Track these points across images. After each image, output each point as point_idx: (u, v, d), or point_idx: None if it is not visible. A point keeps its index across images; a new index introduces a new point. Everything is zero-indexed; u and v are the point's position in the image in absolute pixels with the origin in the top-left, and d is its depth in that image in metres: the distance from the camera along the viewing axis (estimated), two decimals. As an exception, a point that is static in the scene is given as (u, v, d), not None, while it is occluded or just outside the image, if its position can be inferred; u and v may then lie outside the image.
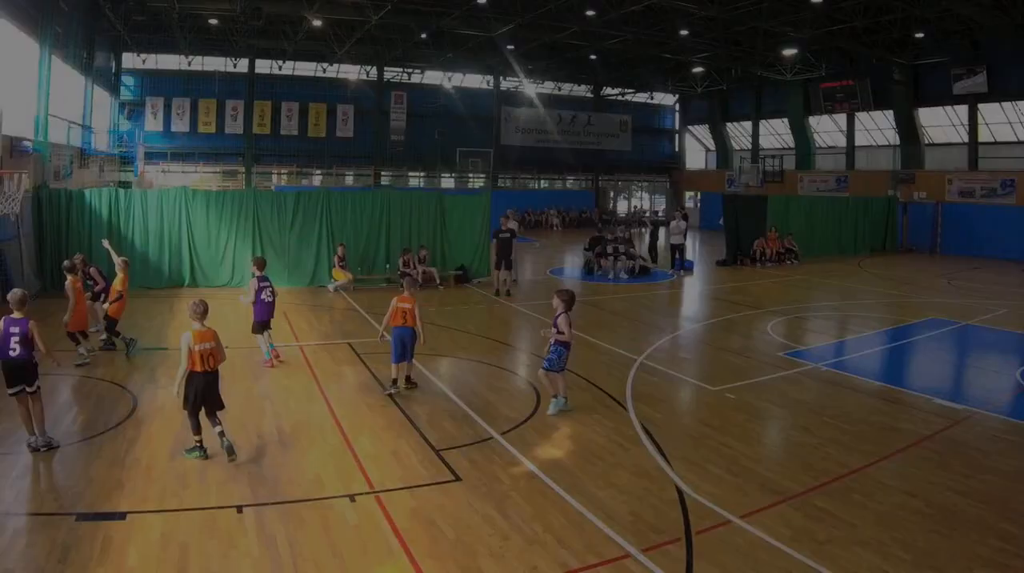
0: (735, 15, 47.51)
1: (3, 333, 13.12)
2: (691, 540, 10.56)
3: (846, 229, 52.09)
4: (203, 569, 9.60)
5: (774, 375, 19.77)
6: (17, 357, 13.12)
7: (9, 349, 13.08)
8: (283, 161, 70.22)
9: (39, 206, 29.59)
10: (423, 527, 10.88)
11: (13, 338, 13.09)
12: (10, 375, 13.14)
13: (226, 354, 14.30)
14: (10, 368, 13.13)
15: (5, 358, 13.11)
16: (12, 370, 13.13)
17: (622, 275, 37.64)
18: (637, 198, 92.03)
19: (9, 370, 13.15)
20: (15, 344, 13.10)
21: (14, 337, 13.10)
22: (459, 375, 19.63)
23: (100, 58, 52.30)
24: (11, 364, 13.12)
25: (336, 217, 33.24)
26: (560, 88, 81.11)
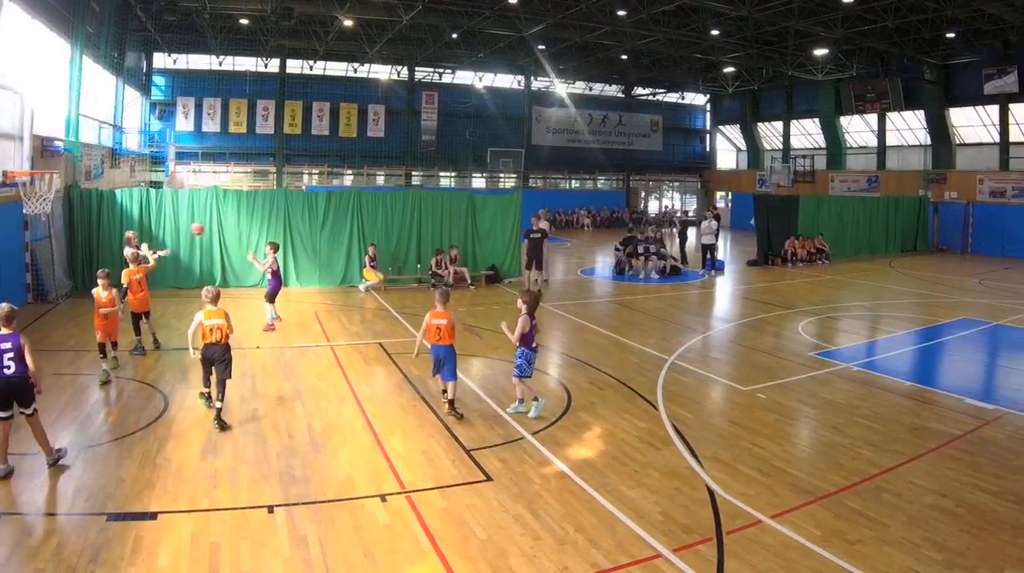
0: (766, 15, 47.35)
1: None
2: (722, 540, 10.56)
3: (877, 229, 51.83)
4: (234, 569, 9.64)
5: (805, 375, 19.70)
6: (12, 375, 12.26)
7: (3, 366, 12.24)
8: (314, 161, 70.20)
9: (70, 206, 29.60)
10: (454, 527, 10.90)
11: (6, 355, 12.28)
12: (4, 395, 12.23)
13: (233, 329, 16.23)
14: (4, 387, 12.22)
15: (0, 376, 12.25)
16: (6, 389, 12.24)
17: (653, 275, 37.57)
18: (668, 198, 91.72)
19: (2, 390, 12.22)
20: (8, 361, 12.26)
21: (7, 354, 12.29)
22: (490, 375, 19.60)
23: (131, 58, 52.44)
24: (4, 383, 12.22)
25: (367, 217, 33.21)
26: (591, 88, 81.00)
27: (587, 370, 19.95)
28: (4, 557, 9.69)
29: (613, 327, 25.53)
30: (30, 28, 30.75)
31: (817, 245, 45.26)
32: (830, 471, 13.13)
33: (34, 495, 11.68)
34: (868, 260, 47.48)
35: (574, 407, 16.64)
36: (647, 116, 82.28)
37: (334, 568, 9.71)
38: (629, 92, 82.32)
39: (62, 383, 17.46)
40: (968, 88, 57.95)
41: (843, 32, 49.50)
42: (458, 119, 73.91)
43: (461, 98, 74.30)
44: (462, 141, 73.73)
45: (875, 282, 38.23)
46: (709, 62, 68.18)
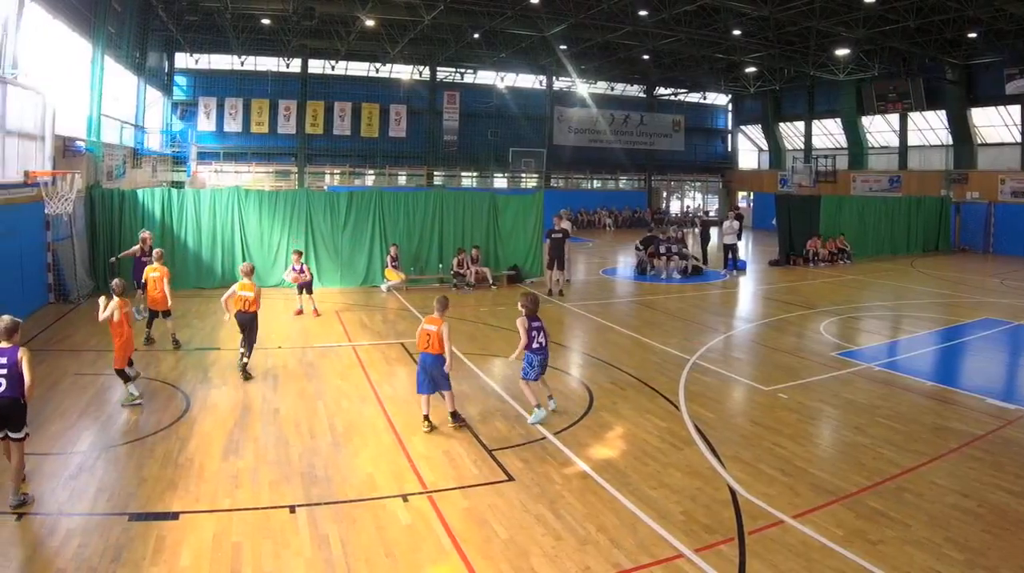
0: (788, 15, 47.26)
1: None
2: (744, 540, 10.59)
3: (898, 229, 51.80)
4: (256, 569, 9.70)
5: (826, 375, 19.70)
6: (3, 394, 10.98)
7: None
8: (336, 161, 70.30)
9: (92, 206, 29.74)
10: (476, 527, 10.94)
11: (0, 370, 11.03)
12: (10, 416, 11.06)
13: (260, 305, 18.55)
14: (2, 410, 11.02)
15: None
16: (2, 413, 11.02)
17: (675, 275, 37.64)
18: (690, 198, 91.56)
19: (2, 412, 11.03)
20: (2, 378, 10.99)
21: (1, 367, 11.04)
22: (512, 375, 19.22)
23: (153, 58, 52.70)
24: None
25: (389, 217, 33.28)
26: (613, 88, 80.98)
27: (609, 370, 19.97)
28: (26, 557, 9.77)
29: (635, 327, 25.55)
30: (52, 28, 30.86)
31: (839, 245, 45.23)
32: (852, 471, 13.13)
33: (56, 495, 11.69)
34: (890, 260, 47.44)
35: (596, 407, 16.66)
36: (669, 116, 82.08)
37: (356, 568, 9.75)
38: (651, 92, 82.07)
39: (83, 383, 17.55)
40: (990, 88, 57.72)
41: (865, 32, 49.36)
42: (480, 119, 73.98)
43: (483, 98, 74.35)
44: (484, 141, 73.88)
45: (897, 282, 38.17)
46: (731, 62, 68.06)
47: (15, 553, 9.89)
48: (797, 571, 9.77)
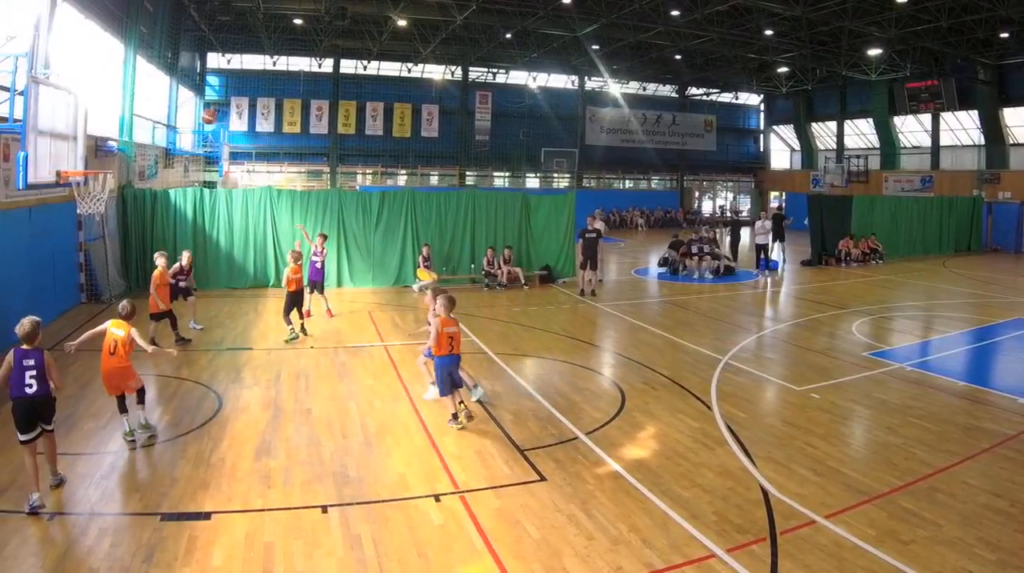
0: (820, 15, 47.26)
1: (15, 367, 11.69)
2: (776, 540, 10.58)
3: (930, 229, 51.51)
4: (288, 569, 9.74)
5: (859, 375, 19.63)
6: (35, 394, 11.64)
7: (25, 385, 11.64)
8: (368, 161, 70.55)
9: (124, 206, 29.94)
10: (508, 527, 10.95)
11: (28, 373, 11.65)
12: (28, 415, 11.62)
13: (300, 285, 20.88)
14: (28, 407, 11.63)
15: (21, 395, 11.64)
16: (31, 409, 11.64)
17: (707, 275, 37.58)
18: (722, 198, 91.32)
19: (26, 409, 11.62)
20: (31, 379, 11.65)
21: (29, 371, 11.65)
22: (544, 375, 19.59)
23: (185, 58, 52.79)
24: (28, 402, 11.64)
25: (420, 217, 33.31)
26: (645, 88, 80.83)
27: (641, 370, 19.93)
28: (59, 557, 9.81)
29: (667, 327, 25.52)
30: (84, 28, 31.00)
31: (871, 245, 45.07)
32: (884, 471, 13.10)
33: (88, 495, 11.77)
34: (921, 260, 47.18)
35: (628, 407, 16.64)
36: (701, 116, 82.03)
37: (388, 568, 9.78)
38: (683, 92, 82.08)
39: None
40: (1022, 88, 57.62)
41: (897, 32, 49.24)
42: (512, 119, 74.03)
43: (515, 98, 74.41)
44: (516, 141, 73.83)
45: (929, 282, 37.98)
46: (763, 62, 68.01)
47: (48, 552, 9.94)
48: (829, 571, 9.75)
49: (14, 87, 14.63)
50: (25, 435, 11.56)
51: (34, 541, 10.22)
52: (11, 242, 20.67)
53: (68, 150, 16.48)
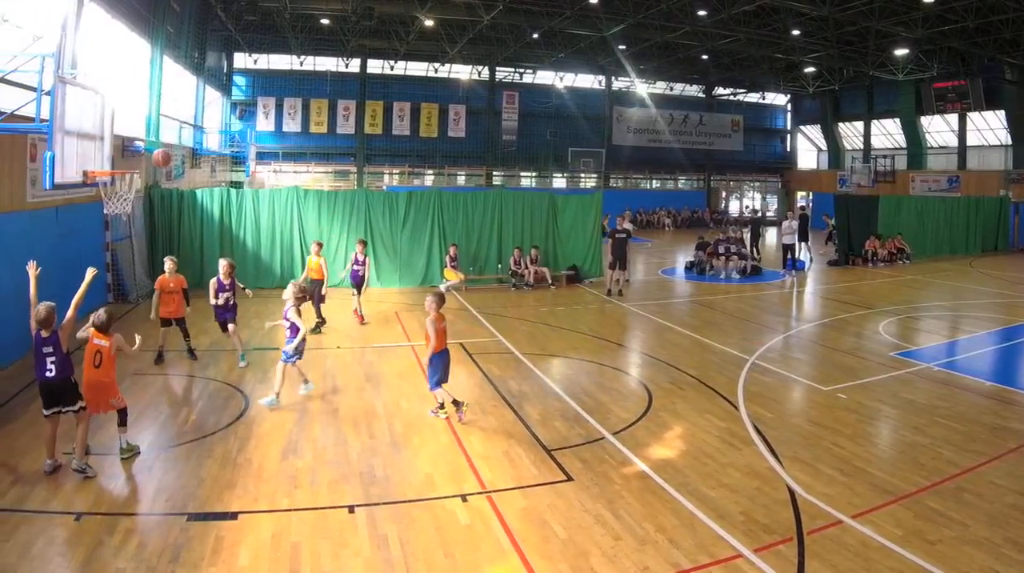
0: (847, 15, 47.15)
1: (36, 352, 12.44)
2: (803, 540, 10.56)
3: (957, 229, 51.30)
4: (314, 569, 9.76)
5: (885, 375, 19.58)
6: (53, 378, 12.40)
7: (46, 370, 12.38)
8: (395, 161, 70.67)
9: (151, 206, 30.08)
10: (535, 527, 10.96)
11: (48, 358, 12.37)
12: (49, 395, 12.46)
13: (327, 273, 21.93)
14: (46, 389, 12.44)
15: (42, 379, 12.45)
16: (49, 391, 12.45)
17: (734, 275, 37.55)
18: (749, 198, 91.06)
19: (48, 390, 12.44)
20: (51, 364, 12.38)
21: (49, 357, 12.38)
22: (571, 375, 19.60)
23: (211, 58, 53.04)
24: (46, 385, 12.43)
25: (448, 217, 33.34)
26: (672, 88, 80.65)
27: (668, 370, 19.94)
28: (85, 557, 9.85)
29: (694, 327, 25.51)
30: (111, 28, 31.18)
31: (897, 245, 44.97)
32: (910, 471, 13.08)
33: (115, 495, 11.85)
34: (948, 260, 46.99)
35: (655, 407, 16.64)
36: (728, 116, 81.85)
37: (415, 568, 9.80)
38: (710, 92, 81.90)
39: (144, 383, 17.76)
40: (1050, 88, 57.00)
41: (924, 32, 49.06)
42: (539, 119, 74.04)
43: (542, 98, 74.43)
44: (543, 141, 73.88)
45: (955, 282, 37.83)
46: (790, 62, 67.84)
47: (75, 552, 9.97)
48: (856, 571, 9.73)
49: (41, 87, 14.69)
50: (46, 410, 12.45)
51: (61, 541, 10.26)
52: (38, 242, 20.73)
53: (95, 150, 16.50)
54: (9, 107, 17.03)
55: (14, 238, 19.25)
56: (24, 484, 11.98)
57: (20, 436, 14.06)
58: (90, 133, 16.40)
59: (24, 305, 13.28)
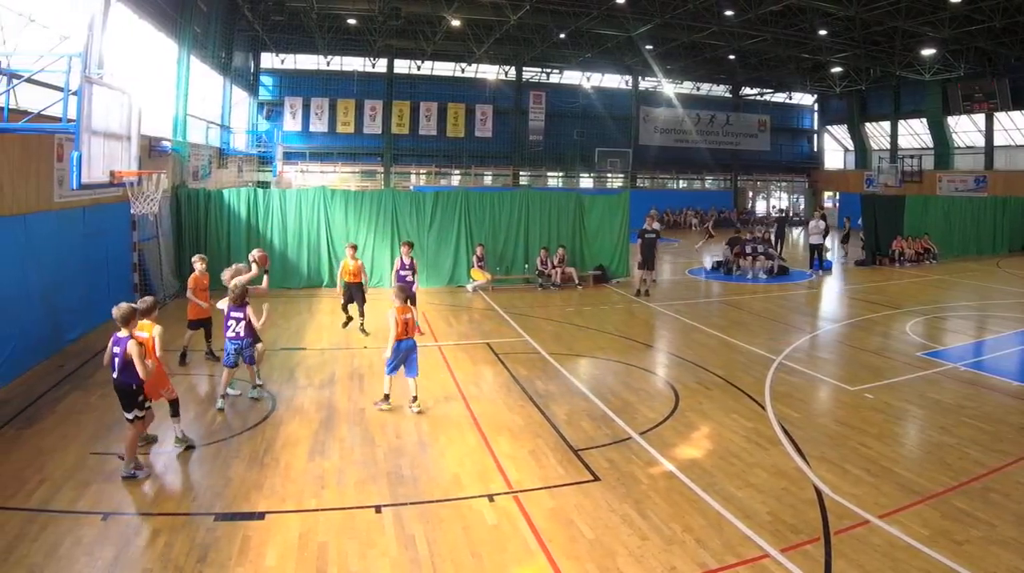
0: (873, 15, 46.98)
1: (110, 351, 12.26)
2: (830, 540, 10.57)
3: (984, 229, 51.05)
4: (341, 569, 9.80)
5: (912, 375, 19.57)
6: (116, 380, 12.31)
7: (113, 371, 12.30)
8: (422, 161, 70.66)
9: (177, 206, 30.21)
10: (561, 527, 10.98)
11: (116, 359, 12.17)
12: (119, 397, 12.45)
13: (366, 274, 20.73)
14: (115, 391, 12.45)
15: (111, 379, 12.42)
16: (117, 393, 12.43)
17: (760, 275, 37.56)
18: (775, 198, 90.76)
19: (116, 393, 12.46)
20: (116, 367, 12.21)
21: (116, 358, 12.16)
22: (597, 375, 19.65)
23: (238, 58, 53.17)
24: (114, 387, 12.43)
25: (474, 217, 33.40)
26: (698, 88, 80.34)
27: (695, 370, 19.96)
28: (113, 557, 9.92)
29: (721, 327, 25.51)
30: (138, 28, 31.27)
31: (924, 245, 44.88)
32: (937, 471, 13.07)
33: (142, 495, 11.91)
34: (975, 260, 46.77)
35: (682, 407, 16.67)
36: (754, 116, 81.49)
37: (442, 568, 9.84)
38: (736, 92, 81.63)
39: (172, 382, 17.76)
40: (1077, 88, 56.62)
41: (950, 32, 48.86)
42: (565, 119, 73.73)
43: (568, 98, 74.15)
44: (569, 141, 73.60)
45: (983, 282, 37.67)
46: (816, 62, 67.49)
47: (102, 552, 10.03)
48: (883, 571, 9.75)
49: (68, 87, 14.76)
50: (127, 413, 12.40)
51: (87, 541, 10.30)
52: (65, 242, 20.87)
53: (122, 150, 16.55)
54: (36, 107, 17.13)
55: (42, 238, 19.33)
56: (51, 484, 12.03)
57: (47, 436, 14.13)
58: (117, 133, 16.46)
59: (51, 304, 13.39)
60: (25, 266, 18.54)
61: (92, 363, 18.79)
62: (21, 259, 18.33)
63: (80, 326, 21.28)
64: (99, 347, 16.38)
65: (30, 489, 11.81)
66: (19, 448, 13.51)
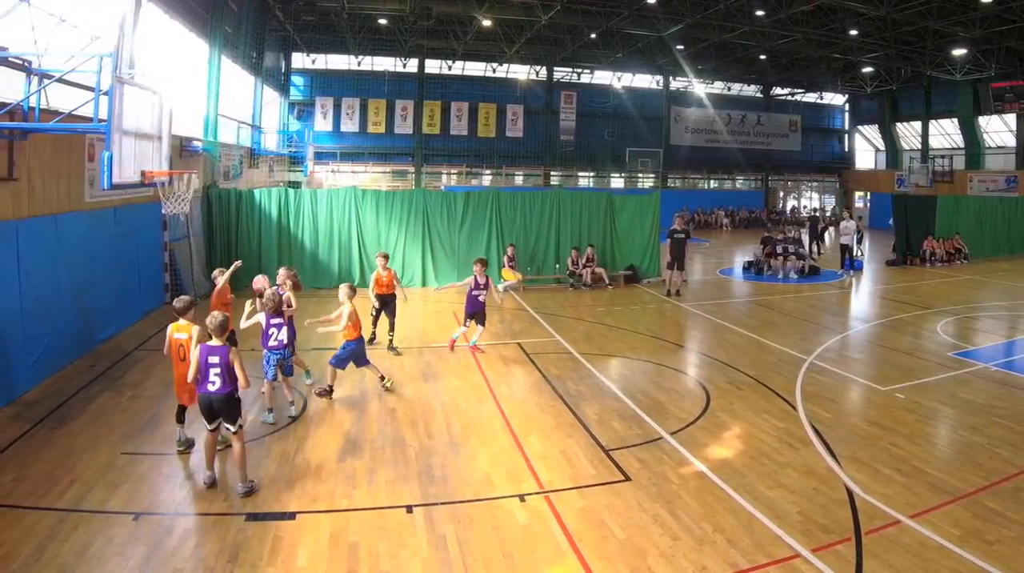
0: (904, 15, 46.76)
1: (201, 363, 11.98)
2: (861, 540, 10.57)
3: (1015, 229, 50.80)
4: (372, 569, 9.86)
5: (943, 375, 19.54)
6: (216, 391, 12.01)
7: (208, 381, 12.00)
8: (452, 161, 70.61)
9: (208, 206, 30.40)
10: (593, 527, 11.02)
11: (212, 369, 11.96)
12: (209, 410, 12.15)
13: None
14: (207, 402, 12.09)
15: (204, 391, 12.06)
16: (209, 405, 12.10)
17: (792, 275, 37.50)
18: (806, 198, 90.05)
19: (207, 405, 12.12)
20: (214, 376, 11.99)
21: (213, 368, 11.96)
22: (628, 375, 19.69)
23: (269, 58, 53.30)
24: (208, 399, 12.06)
25: (505, 217, 33.42)
26: (729, 88, 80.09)
27: (726, 370, 19.99)
28: (143, 557, 10.01)
29: (751, 327, 25.52)
30: (169, 28, 31.44)
31: (955, 245, 44.80)
32: (968, 471, 13.07)
33: (173, 495, 12.00)
34: (1007, 260, 46.62)
35: (712, 407, 16.70)
36: (785, 116, 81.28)
37: (473, 568, 9.89)
38: (767, 92, 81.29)
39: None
40: (1108, 87, 56.24)
41: (981, 32, 48.62)
42: (596, 119, 73.64)
43: (599, 98, 74.02)
44: (600, 141, 73.45)
45: (1014, 282, 37.49)
46: (847, 62, 67.13)
47: (133, 552, 10.12)
48: (914, 571, 9.76)
49: (99, 87, 14.85)
50: (208, 425, 12.25)
51: (119, 541, 10.39)
52: (97, 242, 20.96)
53: (153, 150, 16.63)
54: (67, 107, 17.24)
55: (73, 238, 19.43)
56: (82, 484, 12.13)
57: (78, 436, 14.23)
58: (148, 133, 16.55)
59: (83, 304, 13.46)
60: (56, 266, 18.64)
61: (123, 363, 19.02)
62: (52, 259, 18.43)
63: (111, 326, 21.38)
64: (131, 347, 16.49)
65: (61, 489, 11.91)
66: (50, 448, 13.61)
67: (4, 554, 9.95)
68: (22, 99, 16.01)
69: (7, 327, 16.29)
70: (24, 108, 16.29)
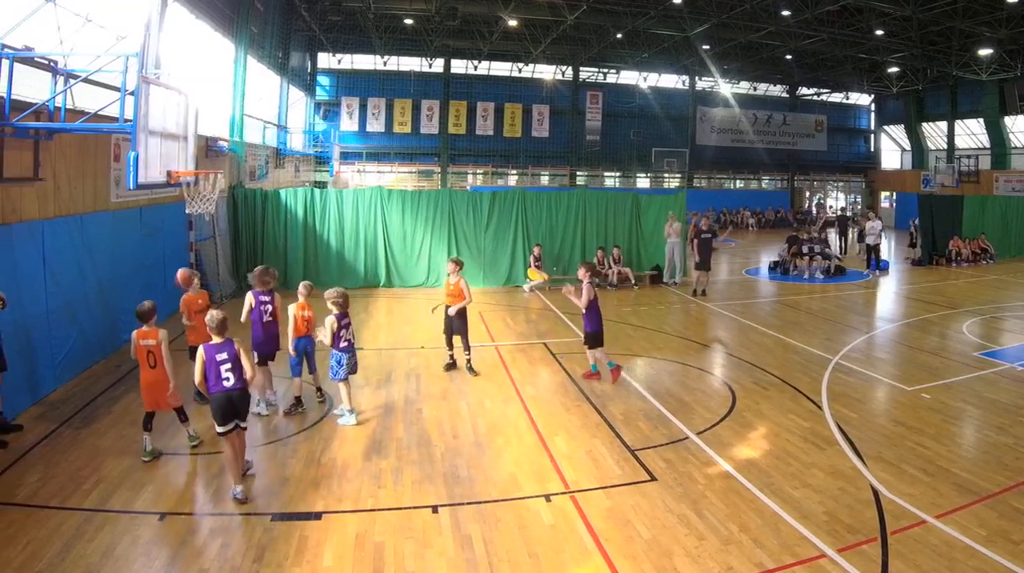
0: (930, 15, 46.66)
1: (209, 363, 11.86)
2: (886, 540, 10.58)
3: (1042, 229, 50.44)
4: (398, 569, 9.91)
5: (969, 375, 19.47)
6: (233, 387, 11.90)
7: (222, 379, 11.85)
8: (478, 161, 70.73)
9: (234, 206, 30.48)
10: (618, 527, 11.05)
11: (223, 366, 11.87)
12: (227, 409, 11.88)
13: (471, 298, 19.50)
14: (226, 401, 11.87)
15: (220, 389, 11.86)
16: (228, 403, 11.88)
17: (817, 275, 37.41)
18: (832, 198, 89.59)
19: (225, 403, 11.86)
20: (227, 372, 11.88)
21: (224, 365, 11.88)
22: (654, 375, 19.70)
23: (295, 58, 53.43)
24: (227, 396, 11.87)
25: (531, 217, 33.39)
26: (755, 88, 79.91)
27: (752, 370, 19.99)
28: (170, 556, 10.10)
29: (777, 327, 25.51)
30: (195, 28, 31.60)
31: (981, 245, 44.62)
32: (994, 471, 13.05)
33: (198, 494, 12.13)
34: (1033, 260, 46.20)
35: (738, 407, 16.71)
36: (811, 116, 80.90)
37: (498, 568, 9.94)
38: (793, 92, 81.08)
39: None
40: None
41: (1007, 32, 48.33)
42: (622, 119, 73.61)
43: (625, 98, 74.03)
44: (626, 141, 73.44)
45: (1041, 283, 37.12)
46: (873, 62, 66.98)
47: (158, 552, 10.22)
48: (940, 571, 9.76)
49: (125, 87, 14.92)
50: (221, 428, 11.91)
51: (144, 541, 10.48)
52: (122, 242, 21.10)
53: (179, 150, 16.67)
54: (93, 107, 17.34)
55: (99, 238, 19.54)
56: (108, 484, 12.23)
57: (104, 436, 14.36)
58: (174, 133, 16.60)
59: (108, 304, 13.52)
60: (82, 266, 18.73)
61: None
62: (78, 259, 18.53)
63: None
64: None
65: (87, 489, 12.00)
66: (76, 448, 13.72)
67: (30, 554, 10.04)
68: (48, 99, 16.09)
69: (34, 327, 16.41)
70: (50, 108, 16.39)
